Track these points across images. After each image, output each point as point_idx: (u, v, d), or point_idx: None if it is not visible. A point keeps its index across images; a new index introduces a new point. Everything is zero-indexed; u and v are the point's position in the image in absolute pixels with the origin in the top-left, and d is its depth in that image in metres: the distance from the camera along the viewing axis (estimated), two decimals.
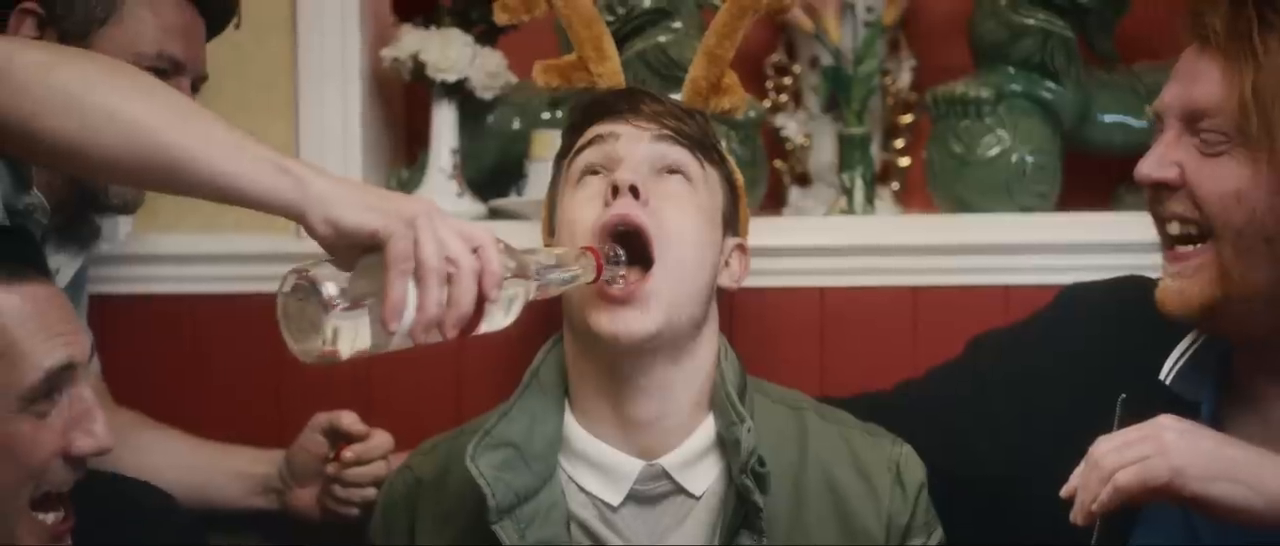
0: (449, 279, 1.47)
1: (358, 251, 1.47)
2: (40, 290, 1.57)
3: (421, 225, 1.46)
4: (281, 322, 1.46)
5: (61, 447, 1.57)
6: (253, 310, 2.19)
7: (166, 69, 1.90)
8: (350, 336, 1.45)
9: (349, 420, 2.02)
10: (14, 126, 1.49)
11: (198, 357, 2.32)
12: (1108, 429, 1.66)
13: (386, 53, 2.34)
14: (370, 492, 2.00)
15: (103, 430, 1.59)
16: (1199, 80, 1.66)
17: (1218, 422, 1.70)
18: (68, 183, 1.92)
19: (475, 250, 1.48)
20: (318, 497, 2.05)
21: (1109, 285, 1.89)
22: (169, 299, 2.29)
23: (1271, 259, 1.63)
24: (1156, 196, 1.68)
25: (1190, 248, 1.68)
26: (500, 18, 2.07)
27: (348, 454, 2.02)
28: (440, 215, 1.49)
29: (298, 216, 1.49)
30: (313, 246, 1.74)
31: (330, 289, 1.44)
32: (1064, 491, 1.56)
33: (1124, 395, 1.71)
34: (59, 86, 1.50)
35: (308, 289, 1.44)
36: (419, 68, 2.31)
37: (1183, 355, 1.74)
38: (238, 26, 2.08)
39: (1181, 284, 1.68)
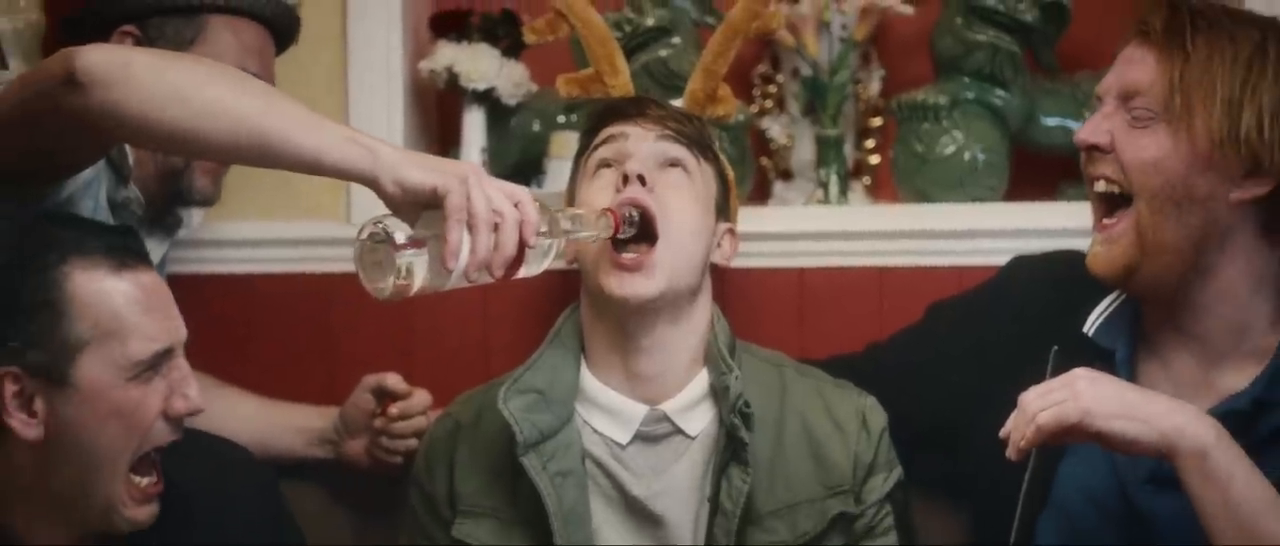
0: (496, 227, 1.54)
1: (419, 208, 1.55)
2: (146, 278, 1.65)
3: (472, 182, 1.54)
4: (357, 267, 1.57)
5: (163, 409, 1.64)
6: (305, 286, 2.36)
7: None
8: (419, 274, 1.55)
9: (393, 380, 2.11)
10: (133, 118, 1.58)
11: (258, 327, 2.38)
12: (1041, 377, 1.75)
13: (424, 65, 2.40)
14: (412, 443, 2.09)
15: (196, 393, 1.67)
16: (1136, 65, 1.78)
17: (1131, 368, 1.82)
18: (159, 180, 2.02)
19: (516, 204, 1.56)
20: (367, 448, 2.14)
21: (1046, 257, 1.99)
22: (234, 277, 2.37)
23: (1179, 220, 1.75)
24: (1090, 158, 1.81)
25: (1114, 219, 1.78)
26: (529, 38, 2.18)
27: (393, 410, 2.10)
28: (486, 175, 1.57)
29: (370, 180, 1.57)
30: (354, 231, 1.80)
31: (400, 235, 1.54)
32: (1002, 433, 1.67)
33: (1056, 347, 1.82)
34: (170, 83, 1.59)
35: (381, 236, 1.54)
36: (453, 78, 2.37)
37: (1103, 312, 1.85)
38: (297, 43, 2.14)
39: (1107, 248, 1.79)
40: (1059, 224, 2.18)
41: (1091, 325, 1.85)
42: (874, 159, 2.51)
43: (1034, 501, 1.81)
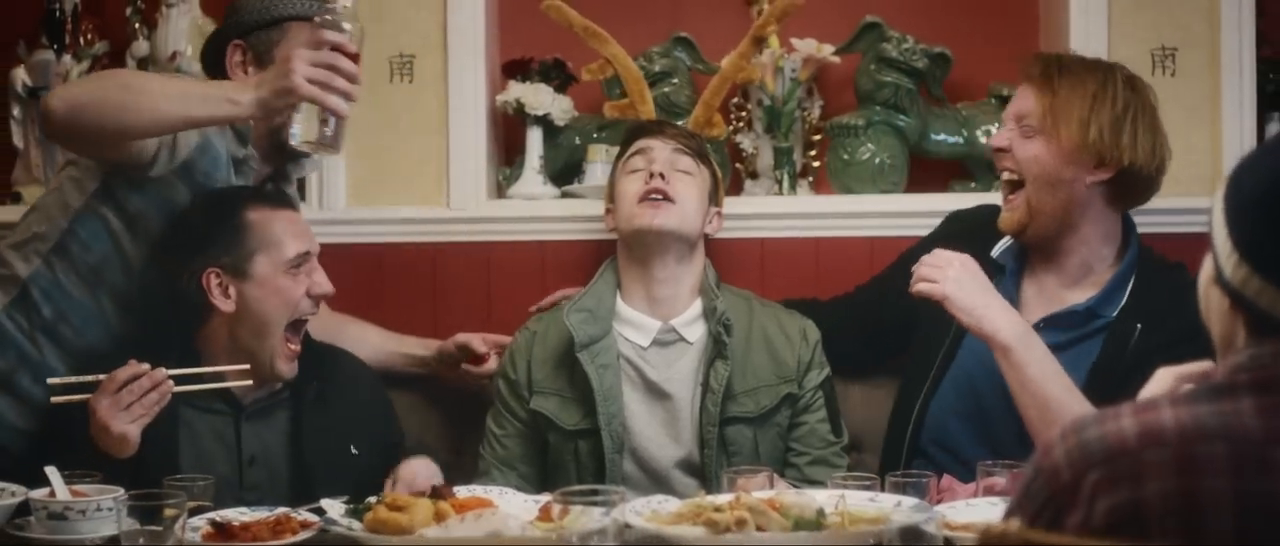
0: (332, 69, 1.91)
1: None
2: (290, 212, 2.17)
3: (292, 73, 1.90)
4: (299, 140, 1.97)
5: (307, 289, 2.13)
6: (416, 252, 2.72)
7: None
8: (301, 123, 1.96)
9: (476, 343, 2.50)
10: (91, 131, 1.98)
11: (384, 282, 2.70)
12: None
13: (499, 98, 2.76)
14: (487, 380, 2.48)
15: (326, 281, 2.15)
16: (1023, 98, 2.19)
17: (1017, 280, 2.21)
18: (267, 137, 2.25)
19: (330, 65, 1.91)
20: (456, 375, 2.55)
21: (974, 210, 2.40)
22: (367, 246, 2.71)
23: (1053, 196, 2.16)
24: (998, 157, 2.22)
25: (1015, 196, 2.18)
26: (586, 77, 2.61)
27: (471, 367, 2.53)
28: (295, 62, 1.89)
29: (233, 120, 2.01)
30: (448, 214, 2.37)
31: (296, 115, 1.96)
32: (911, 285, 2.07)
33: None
34: (106, 100, 1.97)
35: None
36: (519, 107, 2.73)
37: (1005, 245, 2.27)
38: (413, 84, 2.59)
39: (1010, 214, 2.21)
40: (941, 208, 2.52)
41: (997, 252, 2.26)
42: (816, 163, 2.84)
43: (947, 361, 2.25)
